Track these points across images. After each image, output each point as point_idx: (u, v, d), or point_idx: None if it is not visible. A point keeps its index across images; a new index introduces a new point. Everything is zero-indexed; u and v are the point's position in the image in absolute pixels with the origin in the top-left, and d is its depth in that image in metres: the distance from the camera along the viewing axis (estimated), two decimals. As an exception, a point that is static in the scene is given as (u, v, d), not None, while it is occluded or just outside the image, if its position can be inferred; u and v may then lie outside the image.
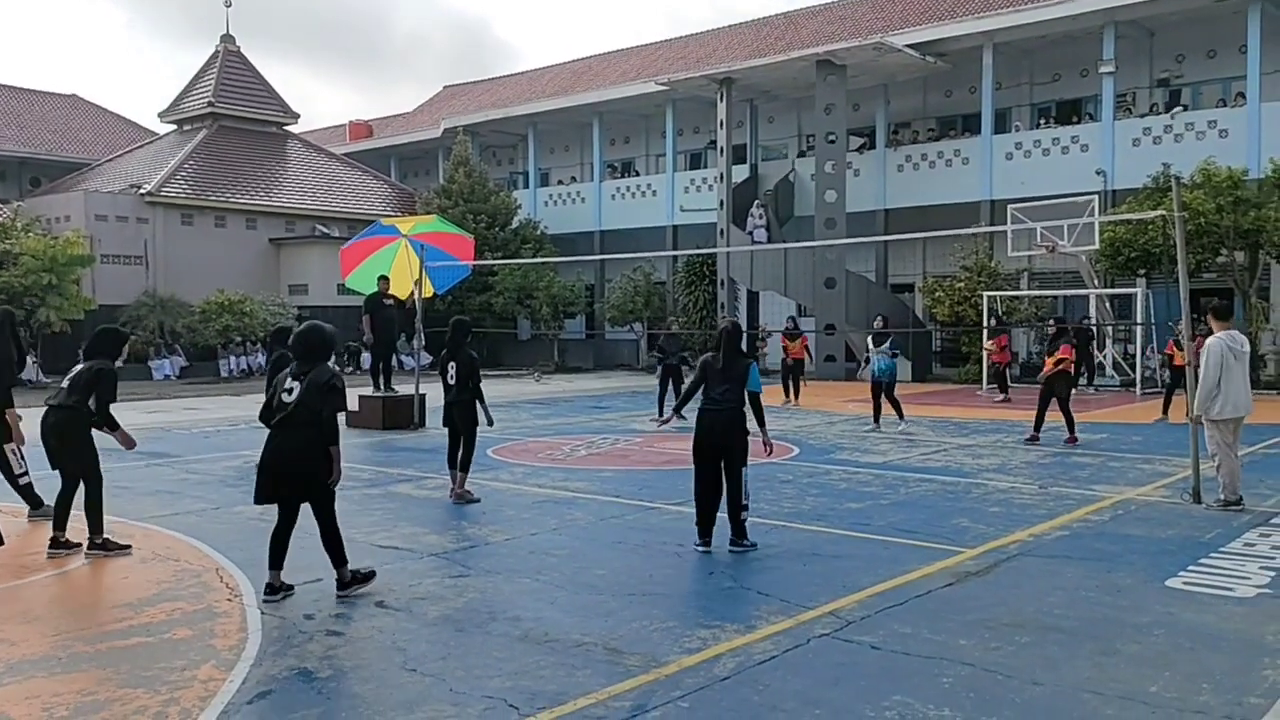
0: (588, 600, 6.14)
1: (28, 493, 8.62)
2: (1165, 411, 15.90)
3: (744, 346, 7.60)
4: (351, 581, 6.12)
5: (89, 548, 7.29)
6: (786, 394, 19.59)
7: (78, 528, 7.34)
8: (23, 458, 8.57)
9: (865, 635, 5.40)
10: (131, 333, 28.28)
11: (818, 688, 4.67)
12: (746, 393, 7.23)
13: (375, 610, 5.93)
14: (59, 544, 7.33)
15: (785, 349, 20.11)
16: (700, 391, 7.40)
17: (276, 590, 6.16)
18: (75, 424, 7.22)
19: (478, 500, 9.30)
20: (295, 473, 6.01)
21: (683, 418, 15.93)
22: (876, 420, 14.99)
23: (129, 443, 7.42)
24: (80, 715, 4.39)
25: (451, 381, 9.31)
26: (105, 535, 7.37)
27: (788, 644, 5.28)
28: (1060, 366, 13.05)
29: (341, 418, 6.53)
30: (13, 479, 8.57)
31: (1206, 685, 4.67)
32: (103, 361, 7.39)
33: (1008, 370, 20.61)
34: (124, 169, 34.98)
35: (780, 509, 8.94)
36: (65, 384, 7.36)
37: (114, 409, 7.37)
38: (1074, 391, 14.76)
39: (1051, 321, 15.15)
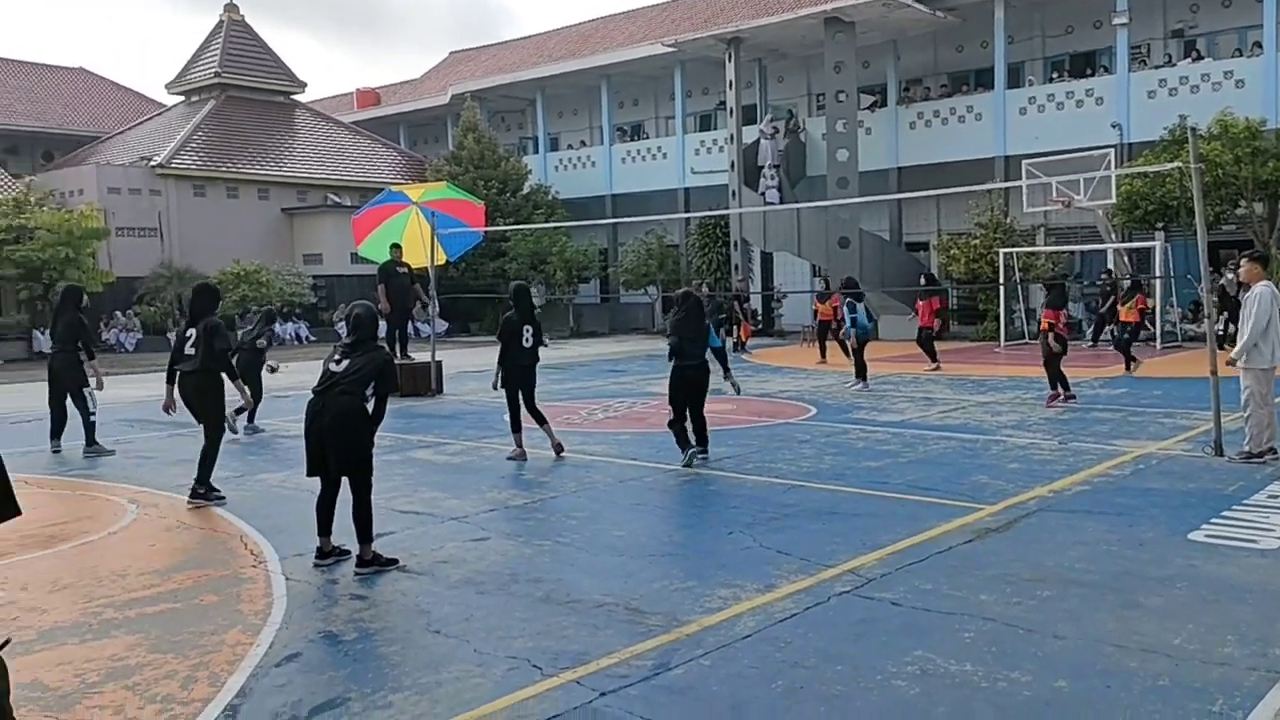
0: (608, 561, 6.18)
1: (90, 430, 10.66)
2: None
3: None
4: (373, 562, 6.06)
5: (191, 495, 8.04)
6: (823, 355, 19.77)
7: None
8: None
9: (885, 592, 5.42)
10: (151, 304, 28.85)
11: (839, 644, 4.69)
12: (711, 349, 9.24)
13: (398, 574, 5.97)
14: (197, 494, 8.07)
15: (816, 310, 19.91)
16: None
17: (327, 555, 6.23)
18: (210, 382, 8.17)
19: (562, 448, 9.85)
20: (334, 439, 6.01)
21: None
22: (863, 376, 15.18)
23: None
24: (111, 680, 4.45)
25: (528, 344, 9.56)
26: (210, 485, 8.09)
27: (808, 602, 5.30)
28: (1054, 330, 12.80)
29: None
30: (86, 416, 10.62)
31: (1231, 637, 4.66)
32: (208, 318, 8.18)
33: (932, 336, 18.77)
34: (134, 141, 34.97)
35: (798, 469, 8.96)
36: (190, 350, 8.13)
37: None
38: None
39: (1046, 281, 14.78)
